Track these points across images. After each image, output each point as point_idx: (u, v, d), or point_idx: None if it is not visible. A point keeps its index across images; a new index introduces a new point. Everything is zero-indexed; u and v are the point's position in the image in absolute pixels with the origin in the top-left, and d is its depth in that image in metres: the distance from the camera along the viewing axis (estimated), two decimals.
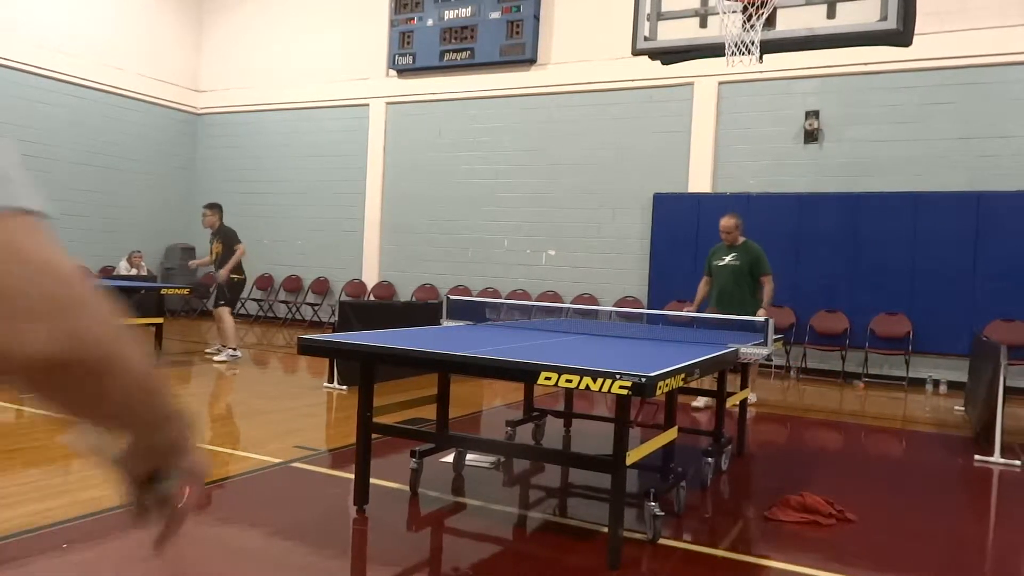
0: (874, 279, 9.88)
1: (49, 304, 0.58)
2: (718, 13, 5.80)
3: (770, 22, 5.69)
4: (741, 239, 7.24)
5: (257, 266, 13.96)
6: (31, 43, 12.61)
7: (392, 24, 13.17)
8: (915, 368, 9.63)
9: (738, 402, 5.45)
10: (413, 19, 12.96)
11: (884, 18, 5.34)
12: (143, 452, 0.81)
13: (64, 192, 13.19)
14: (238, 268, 8.97)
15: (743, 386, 5.57)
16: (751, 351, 4.32)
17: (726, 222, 7.25)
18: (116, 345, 0.65)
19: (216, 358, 8.84)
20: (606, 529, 3.32)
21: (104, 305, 0.64)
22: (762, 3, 5.58)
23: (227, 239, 9.01)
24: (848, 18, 5.65)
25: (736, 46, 5.66)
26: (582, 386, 2.95)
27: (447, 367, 3.87)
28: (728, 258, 7.21)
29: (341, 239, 13.76)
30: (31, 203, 0.62)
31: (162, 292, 9.70)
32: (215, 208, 9.12)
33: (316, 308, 13.59)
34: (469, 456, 4.73)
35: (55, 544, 3.20)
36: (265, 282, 14.31)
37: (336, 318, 7.58)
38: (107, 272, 13.24)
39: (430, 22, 12.80)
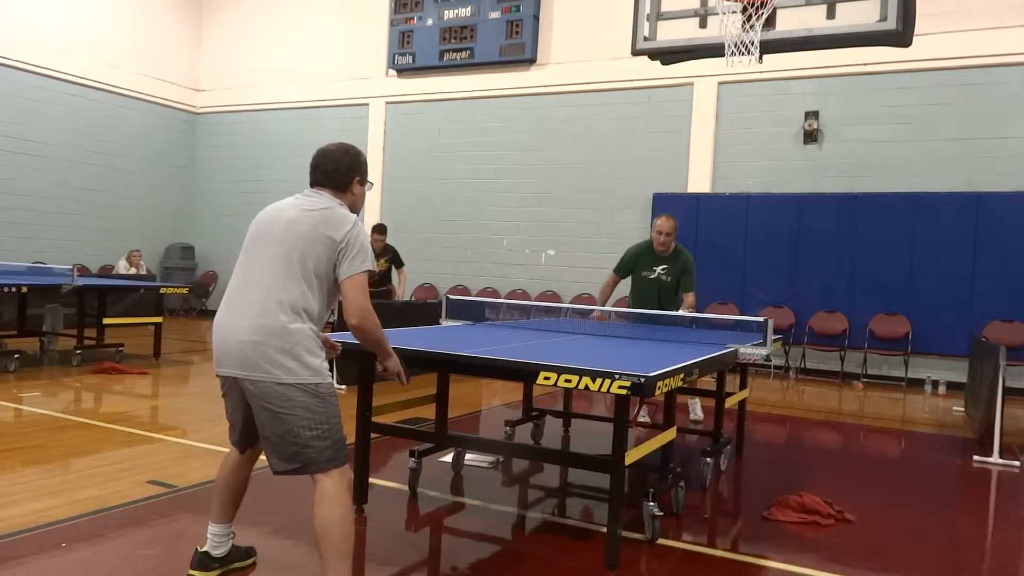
0: (873, 280, 9.88)
1: (366, 313, 2.66)
2: (718, 13, 5.79)
3: (770, 22, 5.67)
4: (673, 245, 6.13)
5: None
6: (30, 42, 12.60)
7: (392, 24, 13.16)
8: (914, 369, 9.64)
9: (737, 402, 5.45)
10: (413, 19, 12.96)
11: (884, 19, 5.33)
12: (380, 358, 2.92)
13: (63, 191, 13.20)
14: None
15: (742, 387, 5.56)
16: (750, 351, 4.32)
17: (665, 223, 6.01)
18: (376, 336, 2.74)
19: None
20: (605, 529, 3.32)
21: (374, 319, 2.68)
22: (762, 3, 5.58)
23: (395, 258, 9.41)
24: (848, 18, 5.65)
25: (736, 46, 5.66)
26: (581, 386, 2.95)
27: (446, 367, 3.86)
28: (659, 270, 6.10)
29: None
30: (370, 267, 2.66)
31: (161, 291, 9.70)
32: (383, 230, 9.32)
33: None
34: (468, 456, 4.73)
35: (53, 543, 3.20)
36: None
37: (335, 317, 7.56)
38: (106, 271, 13.23)
39: (430, 22, 12.80)
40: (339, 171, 2.80)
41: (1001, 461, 5.48)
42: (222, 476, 2.92)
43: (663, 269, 6.11)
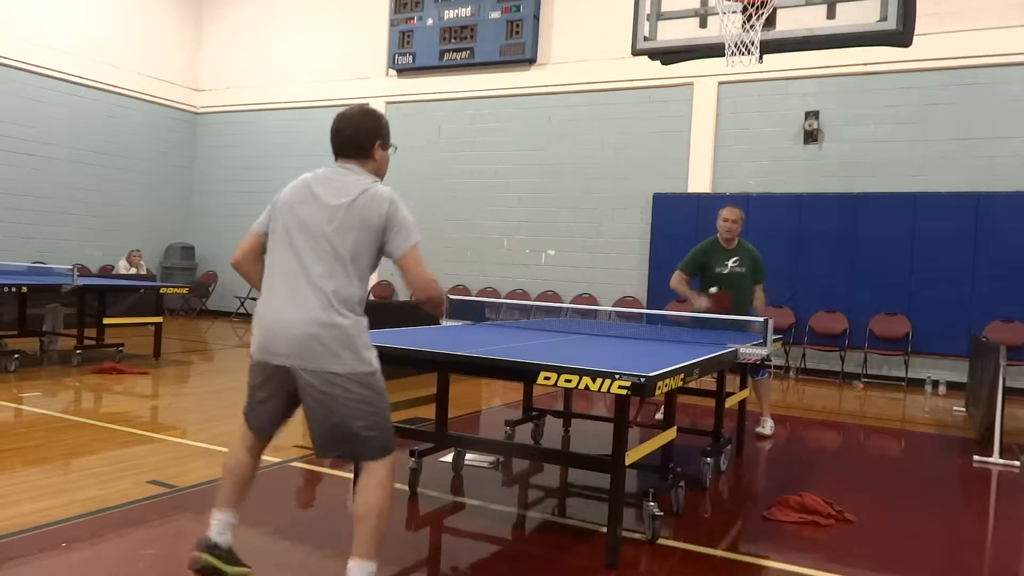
0: (873, 279, 9.88)
1: (428, 283, 2.67)
2: (718, 13, 5.79)
3: (770, 22, 5.67)
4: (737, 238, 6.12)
5: None
6: (30, 42, 12.60)
7: (392, 24, 13.17)
8: (914, 368, 9.64)
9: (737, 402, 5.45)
10: (413, 19, 12.96)
11: (884, 18, 5.33)
12: (431, 306, 2.77)
13: (63, 191, 13.20)
14: None
15: (742, 386, 5.56)
16: (750, 351, 4.31)
17: (732, 211, 5.99)
18: (442, 298, 2.73)
19: None
20: (605, 529, 3.32)
21: (437, 286, 2.69)
22: (762, 3, 5.58)
23: None
24: (848, 18, 5.64)
25: (736, 46, 5.65)
26: (581, 386, 2.95)
27: (446, 367, 3.86)
28: (731, 263, 5.97)
29: None
30: (419, 237, 2.69)
31: (161, 291, 9.70)
32: None
33: None
34: (468, 456, 4.72)
35: (54, 543, 3.20)
36: None
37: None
38: (106, 271, 13.23)
39: (430, 22, 12.80)
40: (359, 136, 2.78)
41: (1001, 461, 5.48)
42: (233, 465, 2.89)
43: (735, 262, 5.99)
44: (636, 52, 6.24)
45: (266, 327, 2.68)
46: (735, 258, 6.01)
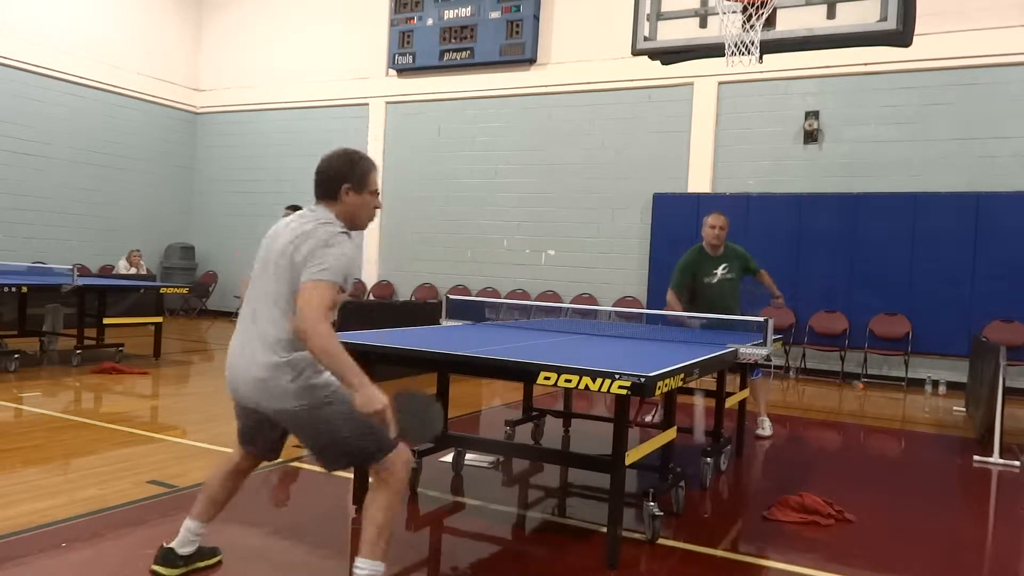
0: (873, 279, 9.88)
1: (311, 323, 2.40)
2: (718, 13, 5.80)
3: (770, 22, 5.68)
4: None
5: None
6: (30, 42, 12.59)
7: (392, 24, 13.17)
8: (914, 368, 9.64)
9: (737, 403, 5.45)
10: (413, 19, 12.96)
11: (884, 18, 5.33)
12: (346, 385, 2.45)
13: (63, 191, 13.20)
14: None
15: (742, 387, 5.56)
16: (750, 351, 4.31)
17: (717, 218, 5.88)
18: (328, 352, 2.41)
19: None
20: (605, 529, 3.32)
21: (322, 333, 2.40)
22: (762, 3, 5.58)
23: None
24: (848, 18, 5.65)
25: (736, 46, 5.66)
26: (581, 386, 2.94)
27: (447, 367, 3.87)
28: (720, 271, 5.88)
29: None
30: (334, 279, 2.49)
31: (161, 291, 9.70)
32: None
33: None
34: (468, 456, 4.72)
35: (54, 543, 3.20)
36: None
37: (335, 317, 7.57)
38: (106, 271, 13.23)
39: (430, 22, 12.80)
40: (328, 179, 2.71)
41: (1001, 461, 5.48)
42: (215, 480, 2.92)
43: (724, 269, 5.89)
44: (636, 52, 6.24)
45: (230, 369, 2.72)
46: (724, 265, 5.91)
